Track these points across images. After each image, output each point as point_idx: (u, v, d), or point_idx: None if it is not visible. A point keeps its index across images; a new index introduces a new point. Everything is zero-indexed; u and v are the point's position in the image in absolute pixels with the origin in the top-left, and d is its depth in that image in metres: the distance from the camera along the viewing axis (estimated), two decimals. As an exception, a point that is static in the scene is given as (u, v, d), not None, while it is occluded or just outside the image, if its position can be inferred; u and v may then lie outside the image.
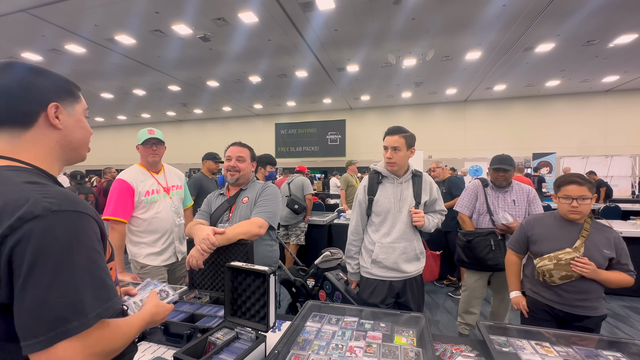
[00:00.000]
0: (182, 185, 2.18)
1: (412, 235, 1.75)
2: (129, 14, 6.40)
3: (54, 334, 0.50)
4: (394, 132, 1.72)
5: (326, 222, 4.53)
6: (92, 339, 0.54)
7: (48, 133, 0.65)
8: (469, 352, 1.14)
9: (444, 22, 6.80)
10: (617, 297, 3.52)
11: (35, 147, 0.64)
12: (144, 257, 1.91)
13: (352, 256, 1.87)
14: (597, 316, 1.52)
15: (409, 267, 1.73)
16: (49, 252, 0.51)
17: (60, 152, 0.68)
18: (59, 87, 0.67)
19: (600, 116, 12.51)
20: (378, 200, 1.75)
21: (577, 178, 1.54)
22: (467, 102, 14.07)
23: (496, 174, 2.27)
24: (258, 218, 1.57)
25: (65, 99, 0.68)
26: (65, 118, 0.67)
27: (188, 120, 18.32)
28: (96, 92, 12.20)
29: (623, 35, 7.33)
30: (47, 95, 0.64)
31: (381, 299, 1.72)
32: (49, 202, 0.54)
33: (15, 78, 0.62)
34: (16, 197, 0.53)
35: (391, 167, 1.73)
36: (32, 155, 0.63)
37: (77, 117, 0.70)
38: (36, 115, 0.63)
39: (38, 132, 0.64)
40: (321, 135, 15.79)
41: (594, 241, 1.51)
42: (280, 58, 8.90)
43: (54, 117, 0.65)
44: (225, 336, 1.06)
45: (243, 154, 1.73)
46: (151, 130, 1.96)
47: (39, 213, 0.52)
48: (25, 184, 0.56)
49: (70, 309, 0.52)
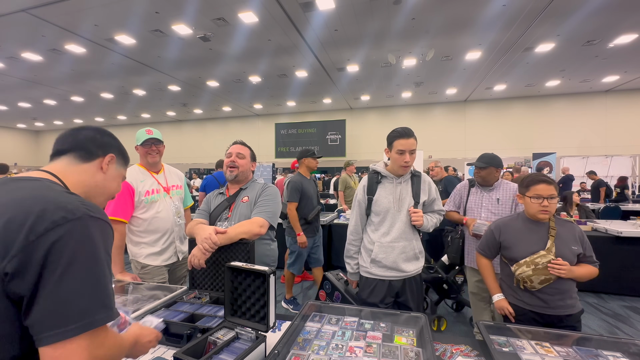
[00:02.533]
0: (182, 185, 2.18)
1: (411, 234, 1.75)
2: (129, 14, 6.40)
3: (82, 323, 0.55)
4: (410, 135, 1.68)
5: (326, 222, 4.52)
6: (100, 339, 0.59)
7: (96, 173, 0.83)
8: (469, 352, 1.14)
9: (444, 22, 6.81)
10: (617, 297, 3.52)
11: (81, 177, 0.79)
12: (144, 257, 1.91)
13: (351, 256, 1.87)
14: (577, 312, 1.54)
15: (408, 267, 1.74)
16: (86, 250, 0.59)
17: (89, 189, 0.81)
18: (121, 150, 0.90)
19: (600, 116, 12.52)
20: (377, 200, 1.75)
21: (545, 177, 1.56)
22: (467, 102, 14.08)
23: (475, 171, 2.33)
24: (259, 218, 1.57)
25: (120, 159, 0.89)
26: (112, 169, 0.86)
27: (188, 120, 18.33)
28: (96, 92, 12.21)
29: (623, 35, 7.34)
30: (111, 149, 0.86)
31: (380, 299, 1.73)
32: (86, 208, 0.62)
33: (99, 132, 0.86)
34: (59, 200, 0.61)
35: (405, 171, 1.73)
36: (74, 182, 0.77)
37: (118, 174, 0.90)
38: (96, 156, 0.82)
39: (90, 168, 0.81)
40: (321, 135, 15.80)
41: (562, 239, 1.53)
42: (280, 58, 8.91)
43: (107, 163, 0.84)
44: (225, 336, 1.06)
45: (243, 151, 1.75)
46: (149, 130, 1.95)
47: (80, 215, 0.60)
48: (66, 193, 0.66)
49: (99, 303, 0.59)
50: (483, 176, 2.27)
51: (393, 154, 1.71)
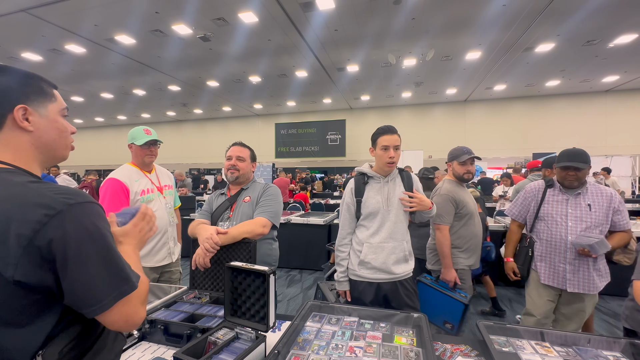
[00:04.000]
0: (172, 185, 2.16)
1: (401, 235, 1.70)
2: (129, 14, 6.40)
3: (112, 297, 0.60)
4: (394, 131, 1.68)
5: (326, 222, 4.53)
6: (130, 297, 0.63)
7: (19, 135, 0.63)
8: (469, 352, 1.14)
9: (444, 22, 6.81)
10: (617, 297, 3.52)
11: (10, 149, 0.63)
12: None
13: (339, 262, 1.77)
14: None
15: (397, 269, 1.67)
16: (85, 238, 0.58)
17: (36, 154, 0.66)
18: (27, 86, 0.64)
19: (600, 116, 12.52)
20: (366, 201, 1.70)
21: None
22: (467, 102, 14.07)
23: (564, 173, 1.89)
24: (261, 217, 1.58)
25: (35, 99, 0.65)
26: (37, 119, 0.65)
27: (188, 120, 18.32)
28: (96, 92, 12.21)
29: (623, 35, 7.34)
30: (13, 96, 0.62)
31: (369, 302, 1.67)
32: (63, 197, 0.57)
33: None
34: (31, 196, 0.56)
35: (391, 167, 1.69)
36: (10, 156, 0.63)
37: (50, 118, 0.67)
38: (2, 117, 0.61)
39: (8, 134, 0.63)
40: (321, 135, 15.79)
41: None
42: (280, 58, 8.90)
43: (22, 119, 0.62)
44: (225, 336, 1.06)
45: (243, 154, 1.74)
46: (147, 130, 1.93)
47: (60, 208, 0.56)
48: (29, 184, 0.59)
49: (118, 278, 0.62)
50: (580, 178, 1.85)
51: (378, 151, 1.69)
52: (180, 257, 2.19)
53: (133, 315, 0.64)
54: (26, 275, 0.54)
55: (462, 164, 2.19)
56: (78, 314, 0.60)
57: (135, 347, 1.14)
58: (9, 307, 0.55)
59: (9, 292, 0.54)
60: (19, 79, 0.63)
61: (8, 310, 0.55)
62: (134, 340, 1.16)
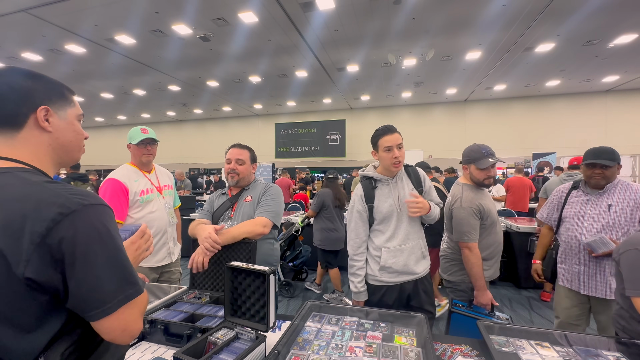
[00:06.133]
0: (172, 185, 2.16)
1: (416, 233, 1.68)
2: (129, 14, 6.40)
3: (117, 300, 0.60)
4: (394, 130, 1.63)
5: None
6: (135, 301, 0.64)
7: (38, 135, 0.67)
8: (469, 352, 1.14)
9: (444, 22, 6.81)
10: None
11: (29, 148, 0.66)
12: None
13: (355, 272, 1.67)
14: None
15: (418, 268, 1.66)
16: (95, 239, 0.59)
17: (52, 154, 0.70)
18: (51, 90, 0.69)
19: (600, 116, 12.52)
20: (378, 207, 1.65)
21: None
22: (467, 102, 14.07)
23: (590, 171, 1.79)
24: (262, 217, 1.57)
25: (57, 102, 0.69)
26: (56, 121, 0.69)
27: (188, 120, 18.31)
28: (96, 92, 12.21)
29: (623, 35, 7.34)
30: (37, 98, 0.66)
31: (390, 305, 1.64)
32: (78, 198, 0.59)
33: (7, 81, 0.64)
34: (47, 195, 0.58)
35: (397, 168, 1.63)
36: (28, 156, 0.66)
37: (69, 121, 0.72)
38: (25, 117, 0.65)
39: (29, 133, 0.66)
40: (321, 135, 15.79)
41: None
42: (280, 58, 8.90)
43: (44, 119, 0.66)
44: (225, 336, 1.06)
45: (242, 156, 1.72)
46: (144, 129, 1.93)
47: (75, 208, 0.58)
48: (46, 184, 0.61)
49: (125, 281, 0.62)
50: (608, 176, 1.75)
51: (381, 153, 1.63)
52: (180, 257, 2.19)
53: (132, 324, 0.64)
54: (36, 273, 0.55)
55: (483, 170, 1.89)
56: (81, 317, 0.60)
57: (135, 347, 1.14)
58: (19, 308, 0.56)
59: (20, 292, 0.55)
60: (44, 83, 0.68)
61: (17, 311, 0.56)
62: (134, 340, 1.16)
